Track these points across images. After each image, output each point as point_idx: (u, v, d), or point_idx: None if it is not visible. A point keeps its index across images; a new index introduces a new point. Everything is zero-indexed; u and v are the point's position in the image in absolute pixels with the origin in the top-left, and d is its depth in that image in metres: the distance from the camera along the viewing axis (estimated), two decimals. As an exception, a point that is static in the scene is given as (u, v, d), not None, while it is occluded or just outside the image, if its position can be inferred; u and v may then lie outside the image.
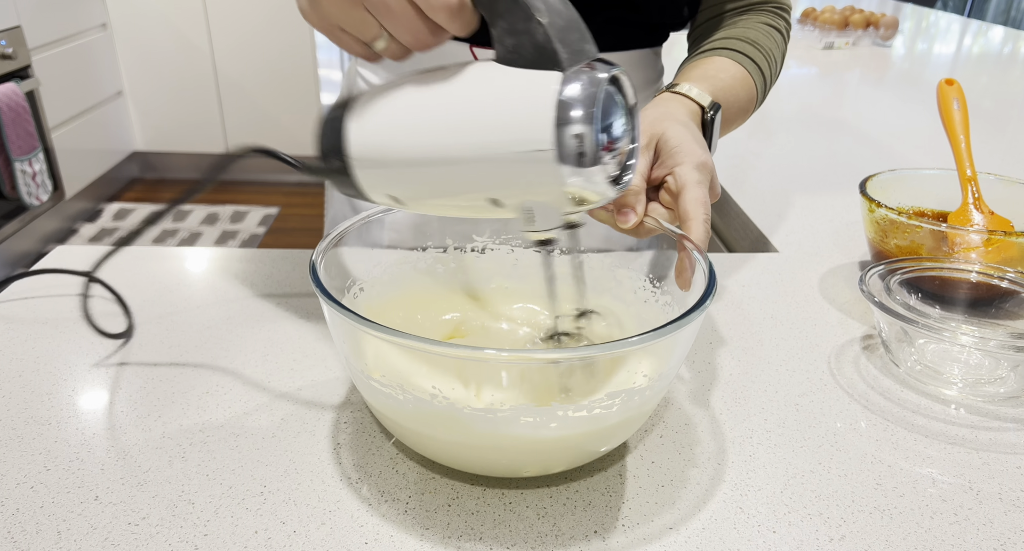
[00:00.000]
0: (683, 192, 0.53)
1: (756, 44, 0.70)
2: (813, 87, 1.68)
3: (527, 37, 0.39)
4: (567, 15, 0.40)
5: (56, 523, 0.43)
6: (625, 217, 0.53)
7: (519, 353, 0.43)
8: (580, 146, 0.38)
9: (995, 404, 0.56)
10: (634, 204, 0.53)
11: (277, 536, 0.43)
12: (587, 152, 0.38)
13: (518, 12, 0.38)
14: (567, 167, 0.38)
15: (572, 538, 0.43)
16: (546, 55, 0.39)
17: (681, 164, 0.54)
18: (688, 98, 0.62)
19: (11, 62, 2.39)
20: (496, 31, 0.40)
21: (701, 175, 0.54)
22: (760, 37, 0.71)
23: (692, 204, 0.52)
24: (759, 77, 0.70)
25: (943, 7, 4.63)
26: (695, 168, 0.54)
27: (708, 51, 0.70)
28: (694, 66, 0.68)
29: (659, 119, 0.57)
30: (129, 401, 0.54)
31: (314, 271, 0.46)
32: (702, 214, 0.52)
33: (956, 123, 0.77)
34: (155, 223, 0.50)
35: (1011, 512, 0.46)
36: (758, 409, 0.55)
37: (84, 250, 0.76)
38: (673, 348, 0.44)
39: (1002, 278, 0.63)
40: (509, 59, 0.40)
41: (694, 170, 0.54)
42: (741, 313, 0.68)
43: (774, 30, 0.73)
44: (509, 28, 0.39)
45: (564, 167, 0.38)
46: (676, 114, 0.59)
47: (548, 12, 0.39)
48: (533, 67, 0.39)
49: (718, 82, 0.65)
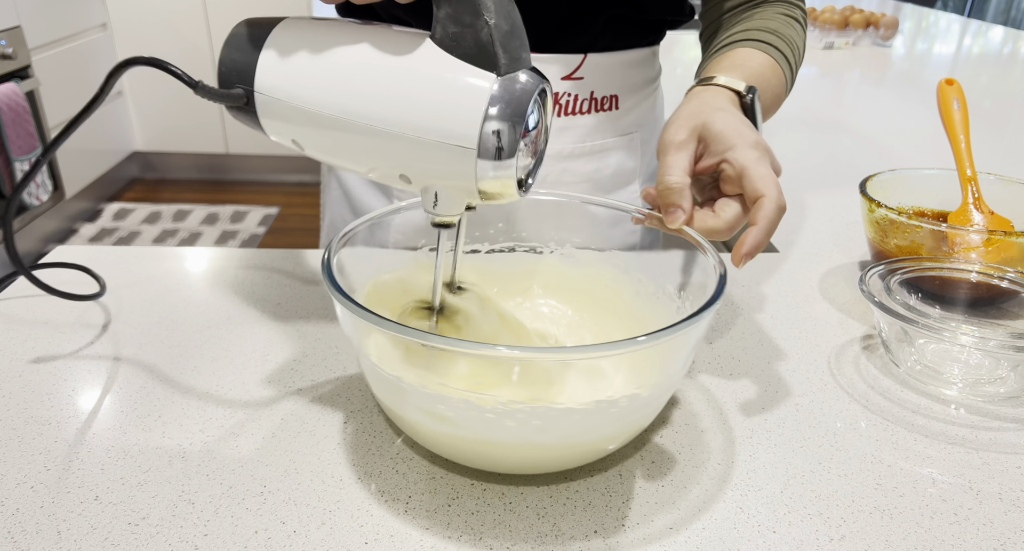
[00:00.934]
0: (746, 172, 0.51)
1: (777, 33, 0.69)
2: (813, 87, 1.68)
3: (471, 31, 0.39)
4: (512, 20, 0.40)
5: (56, 523, 0.43)
6: (673, 216, 0.51)
7: (527, 352, 0.43)
8: (499, 146, 0.39)
9: (995, 404, 0.56)
10: (679, 202, 0.51)
11: (277, 536, 0.43)
12: (504, 153, 0.40)
13: (467, 4, 0.39)
14: (484, 165, 0.40)
15: (572, 538, 0.43)
16: (486, 55, 0.39)
17: (733, 147, 0.52)
18: (722, 87, 0.60)
19: (11, 62, 2.39)
20: (440, 12, 0.40)
21: (759, 153, 0.51)
22: (780, 26, 0.69)
23: (760, 182, 0.50)
24: (785, 65, 0.68)
25: (943, 7, 4.63)
26: (750, 147, 0.52)
27: (730, 44, 0.69)
28: (719, 60, 0.66)
29: (697, 111, 0.55)
30: (129, 401, 0.54)
31: (328, 269, 0.45)
32: (774, 190, 0.50)
33: (956, 123, 0.77)
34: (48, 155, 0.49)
35: (1011, 512, 0.46)
36: (758, 409, 0.55)
37: (84, 250, 0.76)
38: (681, 348, 0.44)
39: (1002, 278, 0.63)
40: (448, 45, 0.40)
41: (750, 149, 0.51)
42: (741, 313, 0.68)
43: (792, 19, 0.72)
44: (454, 16, 0.39)
45: (481, 165, 0.40)
46: (714, 103, 0.57)
47: (496, 13, 0.39)
48: (471, 62, 0.39)
49: (747, 69, 0.63)
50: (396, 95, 0.40)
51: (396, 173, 0.43)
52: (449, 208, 0.44)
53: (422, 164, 0.41)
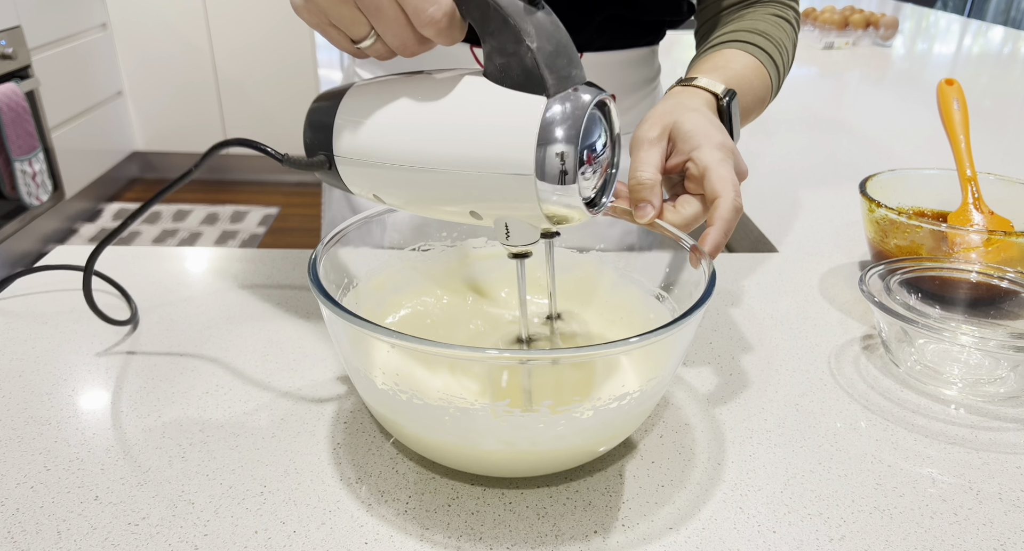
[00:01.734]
0: (707, 173, 0.52)
1: (766, 34, 0.70)
2: (813, 87, 1.68)
3: (516, 59, 0.39)
4: (557, 39, 0.40)
5: (56, 523, 0.43)
6: (643, 211, 0.52)
7: (518, 354, 0.43)
8: (559, 168, 0.39)
9: (995, 404, 0.56)
10: (650, 198, 0.52)
11: (277, 536, 0.43)
12: (566, 174, 0.39)
13: (508, 33, 0.39)
14: (545, 188, 0.40)
15: (572, 538, 0.43)
16: (533, 80, 0.39)
17: (699, 147, 0.53)
18: (700, 88, 0.61)
19: (11, 62, 2.39)
20: (486, 47, 0.40)
21: (723, 154, 0.53)
22: (769, 28, 0.70)
23: (719, 183, 0.51)
24: (772, 66, 0.69)
25: (943, 7, 4.63)
26: (715, 148, 0.53)
27: (717, 45, 0.70)
28: (704, 60, 0.67)
29: (671, 110, 0.57)
30: (129, 401, 0.54)
31: (314, 271, 0.46)
32: (731, 192, 0.51)
33: (956, 123, 0.77)
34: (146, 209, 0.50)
35: (1011, 512, 0.46)
36: (758, 409, 0.55)
37: (84, 250, 0.76)
38: (673, 348, 0.44)
39: (1002, 278, 0.63)
40: (498, 77, 0.40)
41: (715, 150, 0.53)
42: (741, 313, 0.68)
43: (783, 20, 0.72)
44: (499, 48, 0.40)
45: (542, 188, 0.40)
46: (689, 104, 0.58)
47: (538, 37, 0.39)
48: (520, 89, 0.40)
49: (729, 71, 0.64)
50: (454, 135, 0.41)
51: (466, 210, 0.43)
52: (522, 238, 0.44)
53: (487, 198, 0.42)
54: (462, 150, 0.40)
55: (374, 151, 0.43)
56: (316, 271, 0.46)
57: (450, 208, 0.44)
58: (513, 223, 0.43)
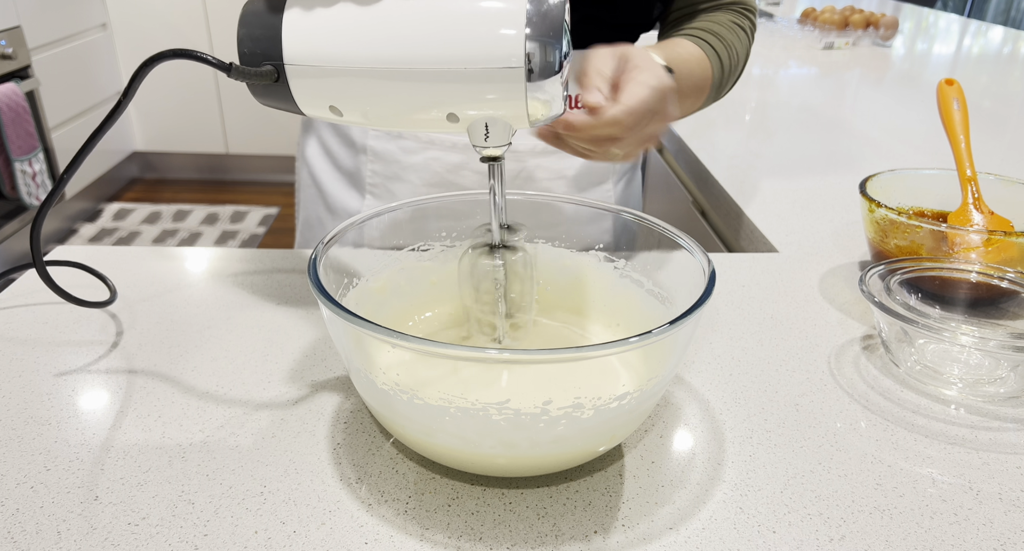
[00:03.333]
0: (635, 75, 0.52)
1: (718, 35, 0.74)
2: (813, 87, 1.68)
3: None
4: None
5: (56, 523, 0.43)
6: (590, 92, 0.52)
7: (518, 354, 0.43)
8: (545, 61, 0.40)
9: (995, 404, 0.56)
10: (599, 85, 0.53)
11: (277, 536, 0.43)
12: (552, 69, 0.40)
13: None
14: (533, 82, 0.40)
15: (572, 538, 0.43)
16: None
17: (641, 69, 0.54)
18: None
19: (11, 62, 2.39)
20: None
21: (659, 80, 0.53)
22: (723, 30, 0.74)
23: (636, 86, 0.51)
24: (716, 61, 0.72)
25: (943, 7, 4.63)
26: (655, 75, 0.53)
27: (671, 37, 0.74)
28: (654, 46, 0.70)
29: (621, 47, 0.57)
30: (129, 401, 0.54)
31: (314, 271, 0.46)
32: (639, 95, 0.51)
33: (956, 123, 0.77)
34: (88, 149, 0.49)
35: (1011, 512, 0.46)
36: (758, 409, 0.55)
37: (84, 250, 0.76)
38: (672, 348, 0.44)
39: (1002, 278, 0.63)
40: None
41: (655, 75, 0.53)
42: (741, 313, 0.68)
43: (738, 27, 0.76)
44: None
45: (530, 82, 0.40)
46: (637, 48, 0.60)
47: None
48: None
49: (672, 54, 0.68)
50: (434, 32, 0.39)
51: (443, 114, 0.42)
52: (499, 139, 0.44)
53: (471, 96, 0.41)
54: (445, 48, 0.39)
55: (336, 54, 0.40)
56: (316, 271, 0.46)
57: (424, 114, 0.42)
58: (491, 122, 0.43)
